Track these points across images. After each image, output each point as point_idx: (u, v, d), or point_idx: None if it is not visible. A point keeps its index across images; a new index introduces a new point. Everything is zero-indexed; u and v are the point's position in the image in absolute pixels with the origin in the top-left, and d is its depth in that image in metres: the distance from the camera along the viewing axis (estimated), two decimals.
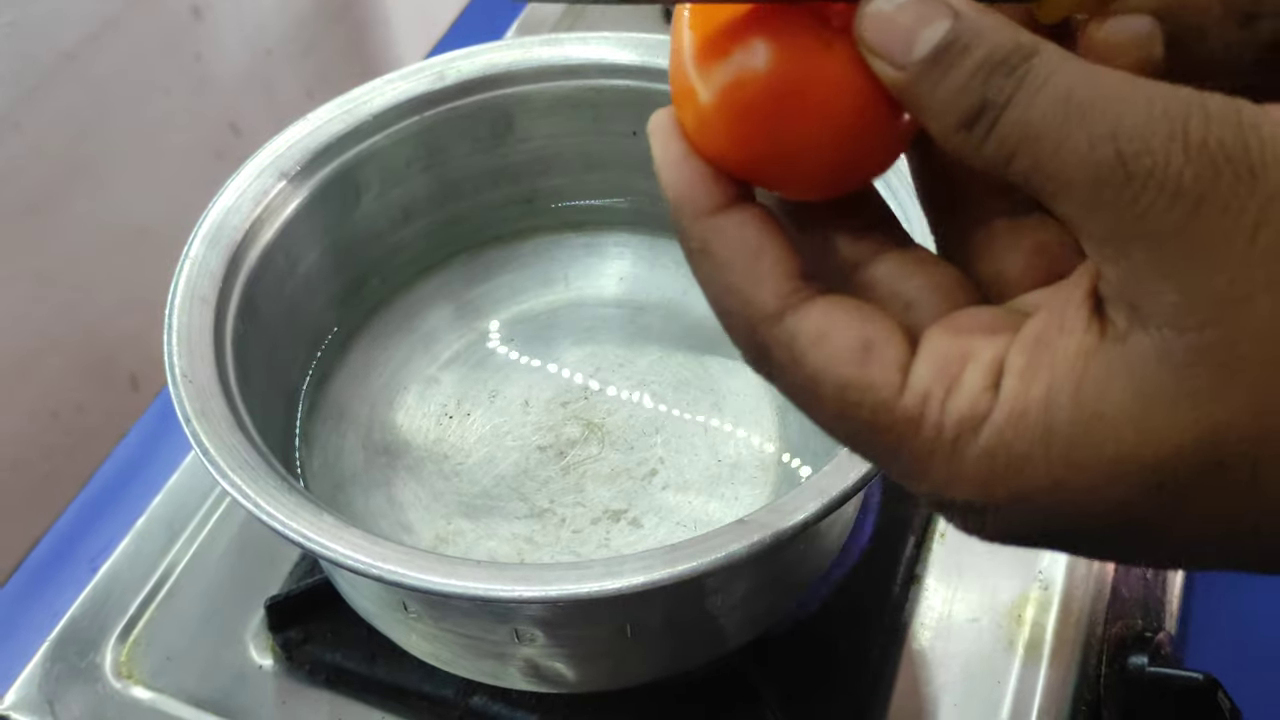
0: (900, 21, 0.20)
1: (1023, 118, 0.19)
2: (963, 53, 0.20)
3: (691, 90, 0.22)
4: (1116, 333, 0.19)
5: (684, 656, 0.44)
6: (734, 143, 0.22)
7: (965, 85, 0.20)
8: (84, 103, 0.84)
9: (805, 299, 0.22)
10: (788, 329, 0.22)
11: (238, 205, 0.46)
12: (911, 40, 0.20)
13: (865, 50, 0.21)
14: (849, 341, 0.21)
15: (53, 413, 0.88)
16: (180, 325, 0.42)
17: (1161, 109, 0.19)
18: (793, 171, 0.23)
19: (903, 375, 0.21)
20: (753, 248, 0.22)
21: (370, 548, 0.36)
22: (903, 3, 0.21)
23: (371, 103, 0.50)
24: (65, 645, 0.51)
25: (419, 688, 0.47)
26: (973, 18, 0.20)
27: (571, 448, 0.49)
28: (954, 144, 0.20)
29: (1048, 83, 0.19)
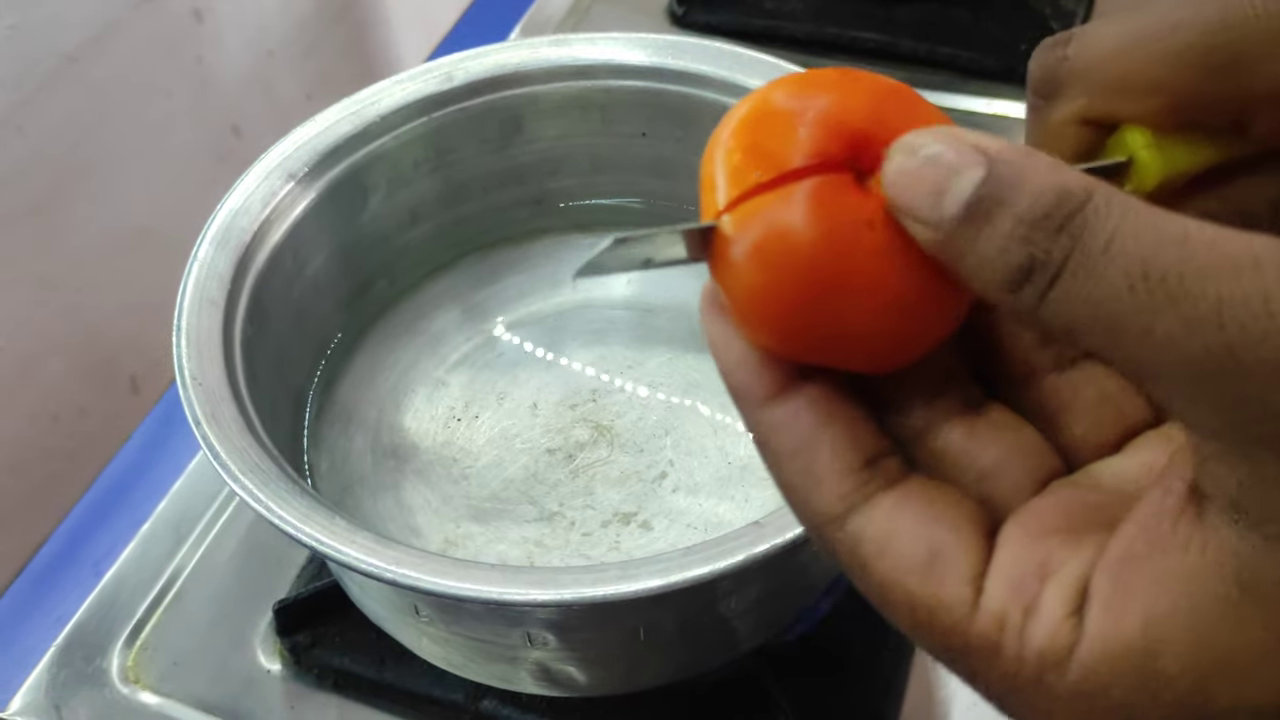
0: (927, 176, 0.18)
1: (1087, 293, 0.17)
2: (999, 206, 0.17)
3: (733, 277, 0.21)
4: (1223, 550, 0.16)
5: (696, 660, 0.44)
6: (781, 333, 0.21)
7: (1005, 245, 0.17)
8: (86, 105, 0.84)
9: (868, 496, 0.20)
10: (851, 533, 0.20)
11: (246, 207, 0.46)
12: (942, 196, 0.18)
13: (896, 211, 0.19)
14: (915, 551, 0.19)
15: (53, 416, 0.88)
16: (189, 327, 0.42)
17: (1275, 279, 0.15)
18: (847, 354, 0.21)
19: (975, 591, 0.19)
20: (808, 441, 0.20)
21: (384, 551, 0.36)
22: (929, 153, 0.18)
23: (379, 104, 0.50)
24: (71, 650, 0.50)
25: (428, 692, 0.47)
26: (1009, 161, 0.18)
27: (581, 450, 0.49)
28: (1005, 306, 0.18)
29: (1111, 246, 0.16)
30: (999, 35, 0.70)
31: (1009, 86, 0.69)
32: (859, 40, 0.70)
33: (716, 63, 0.51)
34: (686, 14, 0.74)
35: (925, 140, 0.19)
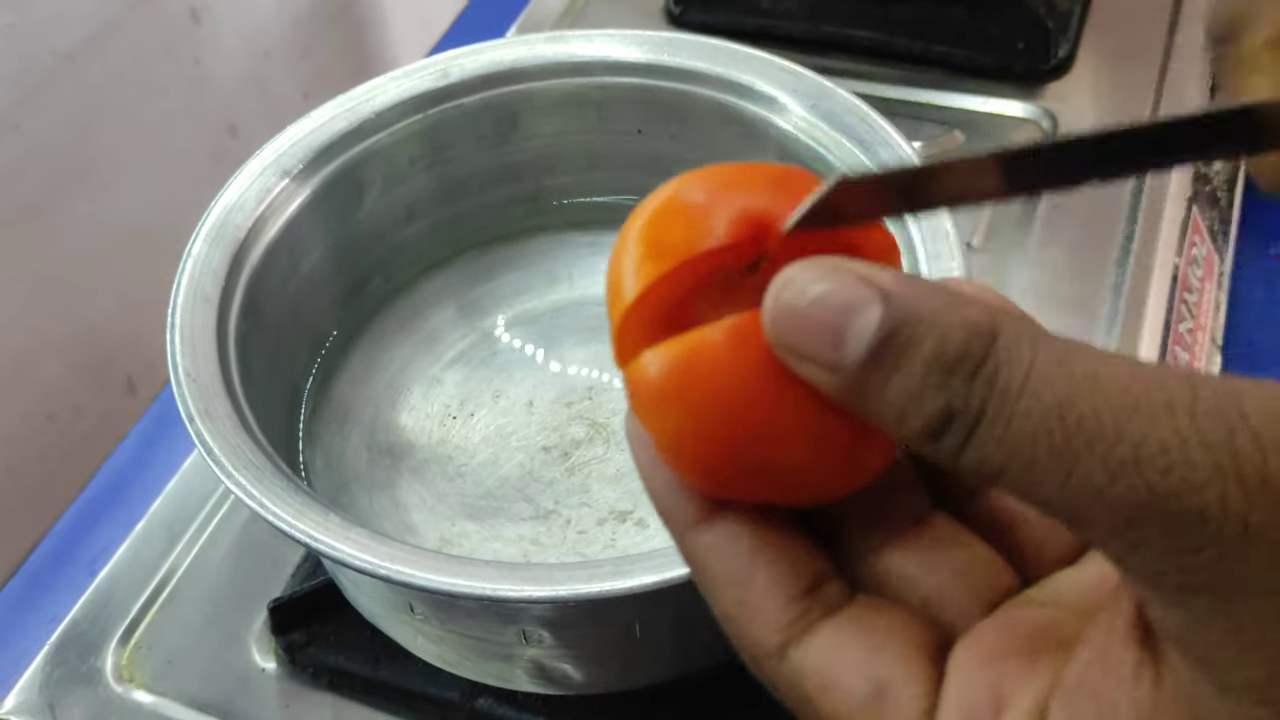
0: (818, 317, 0.17)
1: (1007, 437, 0.16)
2: (905, 349, 0.16)
3: (651, 415, 0.20)
4: (1178, 684, 0.16)
5: (692, 657, 0.44)
6: (704, 473, 0.20)
7: (919, 391, 0.16)
8: (82, 105, 0.84)
9: (808, 626, 0.19)
10: (792, 667, 0.19)
11: (240, 203, 0.46)
12: (838, 338, 0.17)
13: (783, 354, 0.18)
14: (859, 686, 0.18)
15: (49, 415, 0.87)
16: (183, 324, 0.42)
17: (1189, 423, 0.15)
18: (778, 491, 0.20)
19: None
20: (743, 568, 0.19)
21: (378, 548, 0.35)
22: (818, 292, 0.17)
23: (374, 100, 0.50)
24: (66, 649, 0.50)
25: (423, 690, 0.47)
26: (908, 295, 0.17)
27: (576, 448, 0.49)
28: (923, 452, 0.17)
29: (1027, 389, 0.16)
30: (995, 34, 0.69)
31: (1005, 85, 0.69)
32: (854, 39, 0.70)
33: (712, 60, 0.51)
34: (683, 13, 0.74)
35: (810, 275, 0.17)
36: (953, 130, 0.66)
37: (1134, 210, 0.62)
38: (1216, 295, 0.68)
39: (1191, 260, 0.64)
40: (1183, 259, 0.63)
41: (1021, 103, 0.68)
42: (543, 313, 0.54)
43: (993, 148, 0.17)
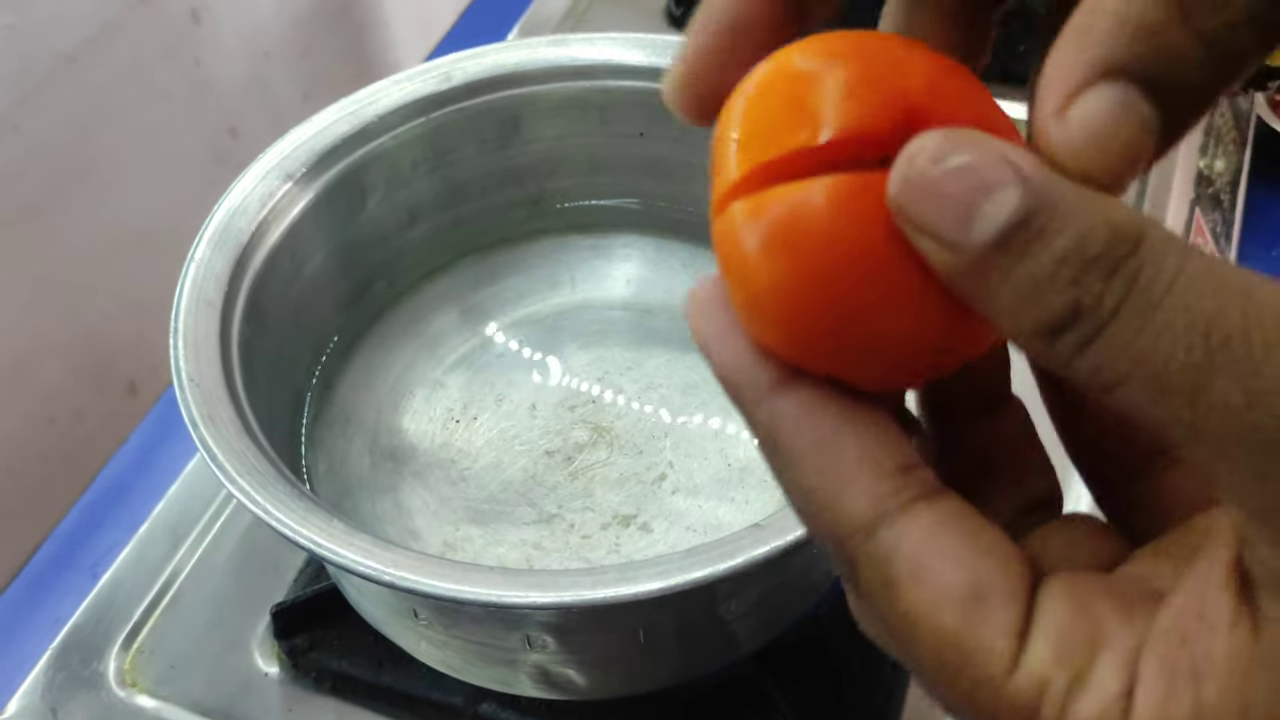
0: (952, 191, 0.16)
1: (1139, 346, 0.15)
2: (1039, 237, 0.15)
3: (744, 266, 0.18)
4: (1277, 635, 0.15)
5: (696, 663, 0.44)
6: (787, 333, 0.18)
7: (1047, 283, 0.15)
8: (83, 106, 0.84)
9: (907, 503, 0.17)
10: (882, 546, 0.17)
11: (243, 207, 0.46)
12: (967, 216, 0.15)
13: (905, 225, 0.16)
14: (957, 583, 0.17)
15: (50, 418, 0.87)
16: (186, 328, 0.42)
17: None
18: (853, 366, 0.18)
19: (1018, 646, 0.16)
20: (832, 435, 0.17)
21: (382, 554, 0.35)
22: (956, 163, 0.16)
23: (377, 104, 0.50)
24: (68, 653, 0.50)
25: (427, 695, 0.47)
26: (1049, 184, 0.15)
27: (579, 452, 0.48)
28: (1030, 350, 0.16)
29: (1169, 298, 0.15)
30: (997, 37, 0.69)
31: (1006, 87, 0.69)
32: None
33: None
34: (685, 15, 0.74)
35: (949, 145, 0.16)
36: None
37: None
38: None
39: None
40: None
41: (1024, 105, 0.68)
42: (545, 316, 0.54)
43: None
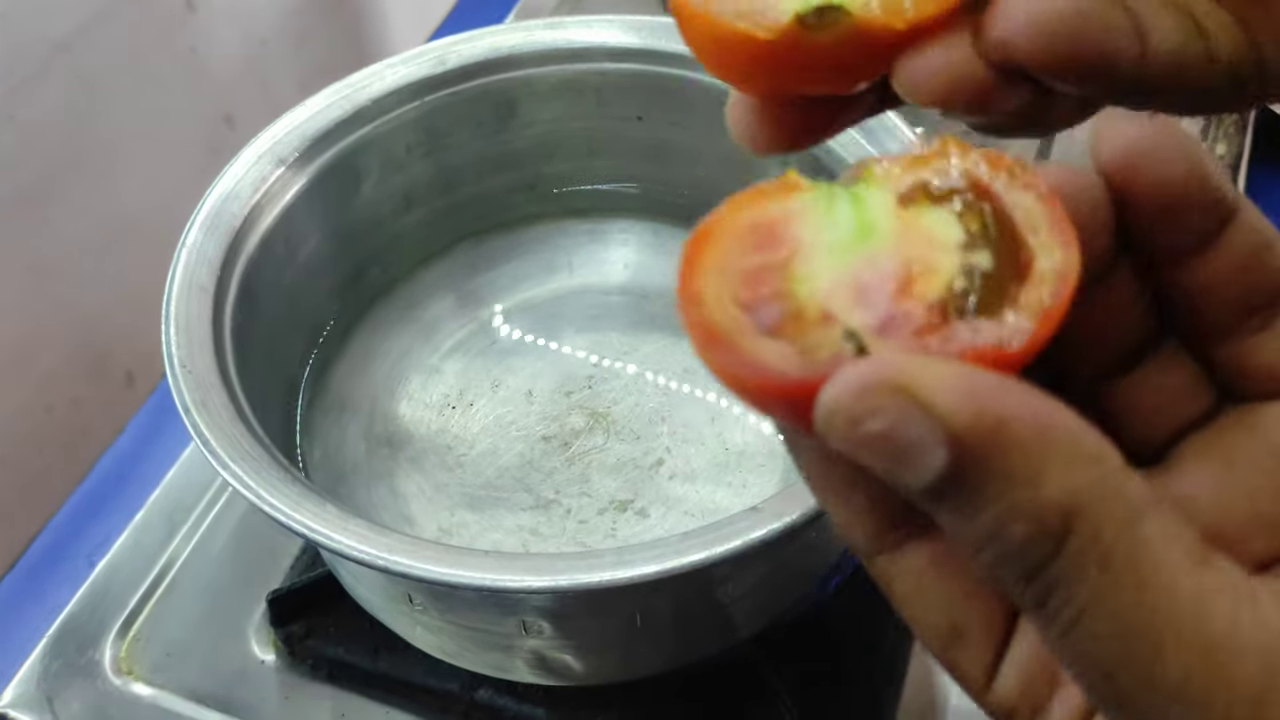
0: (872, 451, 0.16)
1: (1054, 647, 0.16)
2: (967, 504, 0.15)
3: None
4: None
5: (694, 647, 0.44)
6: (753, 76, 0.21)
7: (974, 546, 0.16)
8: (77, 95, 0.83)
9: (895, 545, 0.19)
10: (881, 571, 0.20)
11: (236, 192, 0.46)
12: (894, 469, 0.16)
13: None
14: (939, 621, 0.19)
15: (48, 408, 0.87)
16: (178, 314, 0.41)
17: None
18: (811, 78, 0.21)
19: (988, 678, 0.19)
20: (842, 483, 0.19)
21: (376, 539, 0.35)
22: (871, 429, 0.15)
23: (371, 88, 0.50)
24: (64, 641, 0.50)
25: (423, 681, 0.46)
26: (977, 447, 0.15)
27: (576, 438, 0.48)
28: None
29: (1075, 630, 0.16)
30: None
31: None
32: None
33: None
34: None
35: (868, 405, 0.15)
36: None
37: None
38: None
39: None
40: None
41: None
42: (542, 301, 0.54)
43: None
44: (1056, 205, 0.18)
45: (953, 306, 0.18)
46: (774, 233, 0.19)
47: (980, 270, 0.18)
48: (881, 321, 0.18)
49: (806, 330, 0.18)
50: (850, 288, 0.18)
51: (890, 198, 0.19)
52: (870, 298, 0.18)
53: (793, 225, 0.19)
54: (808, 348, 0.18)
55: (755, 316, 0.18)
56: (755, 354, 0.18)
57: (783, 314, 0.18)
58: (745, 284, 0.19)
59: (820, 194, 0.20)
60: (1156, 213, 0.19)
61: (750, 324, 0.18)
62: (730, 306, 0.18)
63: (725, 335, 0.18)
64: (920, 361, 0.16)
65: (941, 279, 0.18)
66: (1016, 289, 0.18)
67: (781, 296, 0.18)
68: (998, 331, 0.17)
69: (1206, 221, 0.19)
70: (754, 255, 0.19)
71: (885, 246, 0.19)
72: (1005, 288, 0.18)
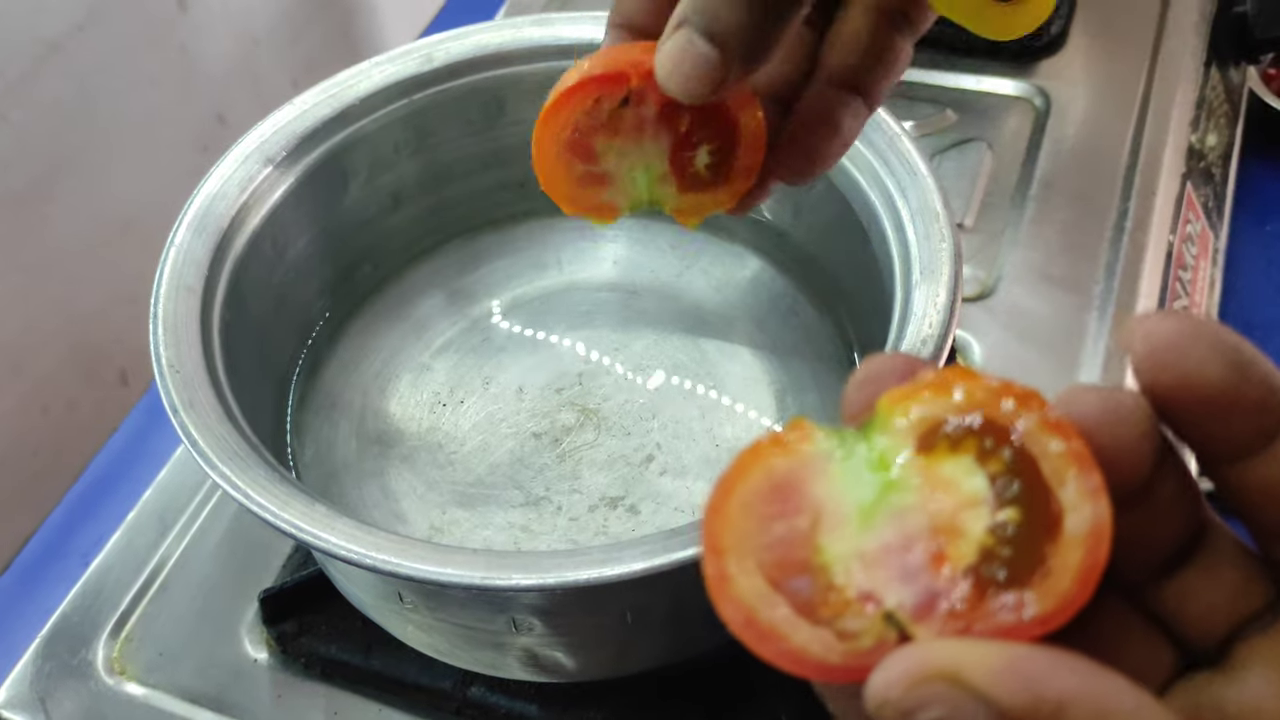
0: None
1: None
2: None
3: None
4: None
5: (686, 644, 0.44)
6: None
7: None
8: (69, 94, 0.83)
9: None
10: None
11: (223, 192, 0.46)
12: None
13: None
14: None
15: (43, 408, 0.87)
16: (166, 314, 0.41)
17: None
18: None
19: None
20: None
21: (364, 537, 0.35)
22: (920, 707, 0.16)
23: (358, 86, 0.49)
24: (57, 642, 0.50)
25: (416, 679, 0.46)
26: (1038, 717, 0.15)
27: (567, 435, 0.48)
28: None
29: None
30: None
31: (997, 63, 0.68)
32: None
33: None
34: None
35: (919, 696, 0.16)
36: (945, 109, 0.66)
37: (1127, 187, 0.62)
38: (1212, 273, 0.67)
39: (1186, 237, 0.64)
40: (1177, 236, 0.62)
41: (1014, 80, 0.67)
42: (532, 299, 0.54)
43: None
44: (1080, 445, 0.18)
45: (986, 573, 0.17)
46: (795, 494, 0.19)
47: (1009, 528, 0.18)
48: (918, 600, 0.18)
49: (843, 612, 0.18)
50: (880, 558, 0.18)
51: (908, 445, 0.19)
52: (903, 572, 0.18)
53: (813, 485, 0.19)
54: (848, 633, 0.17)
55: (788, 594, 0.18)
56: (799, 644, 0.17)
57: (814, 589, 0.18)
58: (773, 559, 0.18)
59: (835, 444, 0.19)
60: (1197, 414, 0.18)
61: (784, 605, 0.18)
62: (761, 584, 0.18)
63: (765, 622, 0.18)
64: (966, 646, 0.16)
65: (971, 543, 0.18)
66: (1048, 547, 0.17)
67: (811, 570, 0.18)
68: (1036, 602, 0.17)
69: (1258, 422, 0.18)
70: (778, 523, 0.19)
71: (909, 505, 0.18)
72: (1037, 547, 0.17)
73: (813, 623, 0.18)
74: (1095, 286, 0.57)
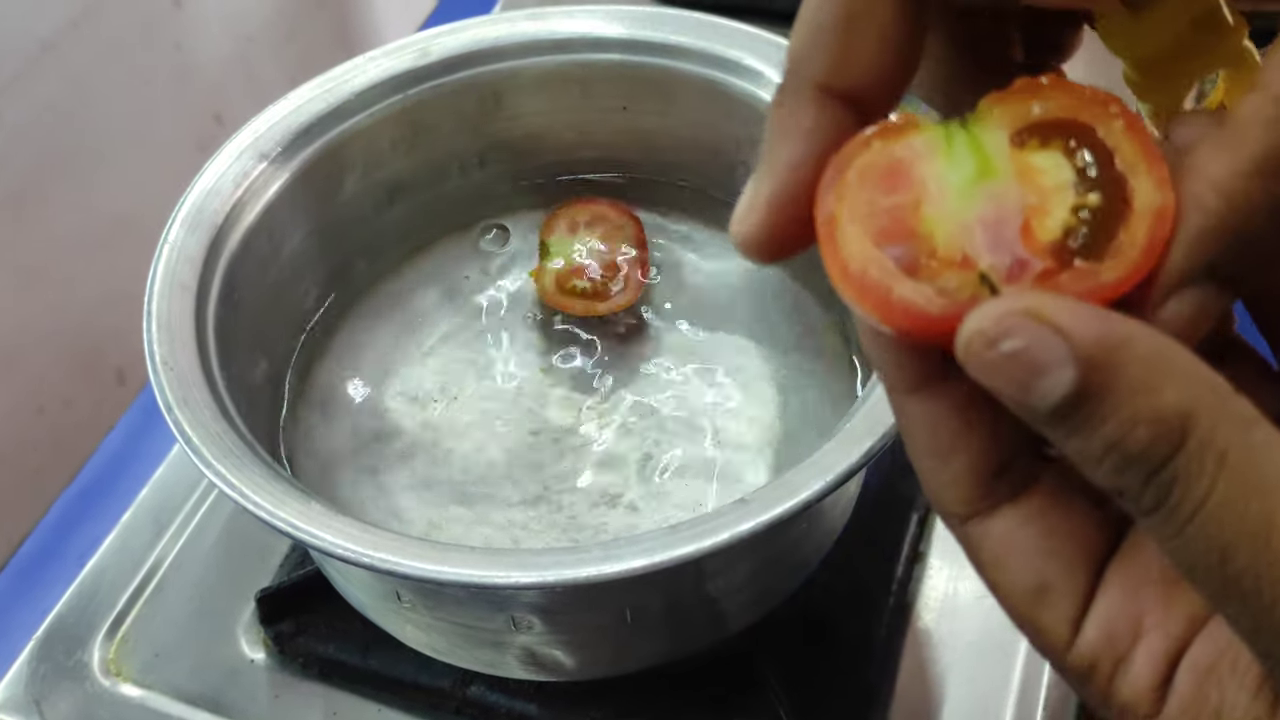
0: (1006, 371, 0.18)
1: (1168, 547, 0.17)
2: (1088, 421, 0.17)
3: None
4: None
5: (685, 641, 0.44)
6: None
7: (1095, 463, 0.18)
8: (64, 93, 0.83)
9: (989, 509, 0.21)
10: (970, 536, 0.21)
11: (217, 188, 0.45)
12: (1025, 390, 0.18)
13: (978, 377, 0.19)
14: (1026, 580, 0.20)
15: (39, 408, 0.87)
16: (160, 312, 0.41)
17: None
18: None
19: (1073, 632, 0.20)
20: (945, 447, 0.21)
21: (361, 535, 0.35)
22: (1006, 349, 0.18)
23: (353, 81, 0.49)
24: (52, 643, 0.50)
25: (415, 679, 0.46)
26: (1104, 363, 0.17)
27: (566, 432, 0.48)
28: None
29: (1192, 524, 0.17)
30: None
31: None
32: None
33: (697, 34, 0.50)
34: None
35: (1001, 328, 0.18)
36: None
37: None
38: None
39: None
40: None
41: None
42: (529, 295, 0.53)
43: None
44: (1149, 143, 0.20)
45: (1068, 246, 0.20)
46: (901, 173, 0.21)
47: (1088, 210, 0.20)
48: (1010, 265, 0.20)
49: (943, 272, 0.20)
50: (976, 231, 0.20)
51: (1004, 137, 0.21)
52: (996, 241, 0.20)
53: (918, 166, 0.21)
54: (947, 289, 0.20)
55: (894, 255, 0.20)
56: (903, 295, 0.20)
57: (918, 254, 0.20)
58: (880, 226, 0.21)
59: (940, 134, 0.21)
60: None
61: (890, 263, 0.20)
62: (870, 247, 0.20)
63: (873, 278, 0.20)
64: (1049, 297, 0.18)
65: (1056, 221, 0.20)
66: (1120, 227, 0.20)
67: (915, 237, 0.20)
68: (1110, 270, 0.20)
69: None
70: (886, 197, 0.21)
71: (1003, 188, 0.21)
72: (1111, 227, 0.20)
73: (915, 279, 0.20)
74: None
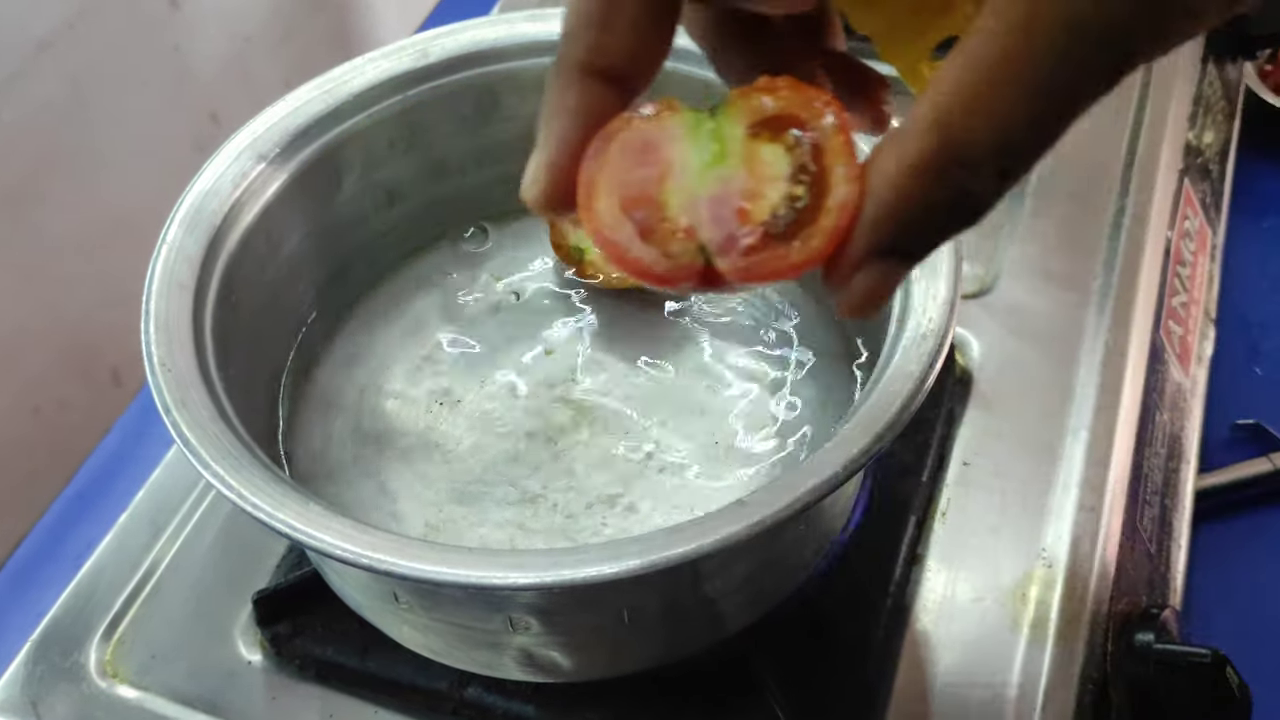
0: None
1: None
2: None
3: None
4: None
5: (683, 642, 0.43)
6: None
7: None
8: (61, 94, 0.83)
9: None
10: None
11: (216, 188, 0.45)
12: None
13: None
14: None
15: (35, 409, 0.87)
16: (158, 312, 0.41)
17: None
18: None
19: None
20: None
21: (358, 536, 0.35)
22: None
23: (352, 82, 0.49)
24: (48, 645, 0.50)
25: (412, 680, 0.46)
26: None
27: (562, 433, 0.48)
28: None
29: None
30: None
31: None
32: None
33: None
34: None
35: None
36: None
37: (1125, 184, 0.61)
38: (1210, 268, 0.67)
39: (1184, 233, 0.63)
40: (1175, 232, 0.62)
41: None
42: (527, 295, 0.53)
43: None
44: (850, 142, 0.25)
45: (771, 228, 0.25)
46: (653, 150, 0.26)
47: (794, 199, 0.25)
48: (723, 239, 0.25)
49: (670, 239, 0.26)
50: (703, 207, 0.26)
51: (741, 129, 0.26)
52: (717, 218, 0.25)
53: (668, 146, 0.26)
54: (671, 253, 0.26)
55: (634, 220, 0.26)
56: (637, 255, 0.26)
57: (655, 220, 0.26)
58: (629, 194, 0.26)
59: (691, 119, 0.26)
60: None
61: (630, 227, 0.26)
62: (618, 211, 0.26)
63: (616, 237, 0.26)
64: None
65: (766, 205, 0.25)
66: (817, 214, 0.25)
67: (655, 205, 0.26)
68: (798, 252, 0.25)
69: None
70: (638, 170, 0.26)
71: (732, 173, 0.26)
72: (810, 213, 0.25)
73: (647, 243, 0.26)
74: (1094, 282, 0.57)
